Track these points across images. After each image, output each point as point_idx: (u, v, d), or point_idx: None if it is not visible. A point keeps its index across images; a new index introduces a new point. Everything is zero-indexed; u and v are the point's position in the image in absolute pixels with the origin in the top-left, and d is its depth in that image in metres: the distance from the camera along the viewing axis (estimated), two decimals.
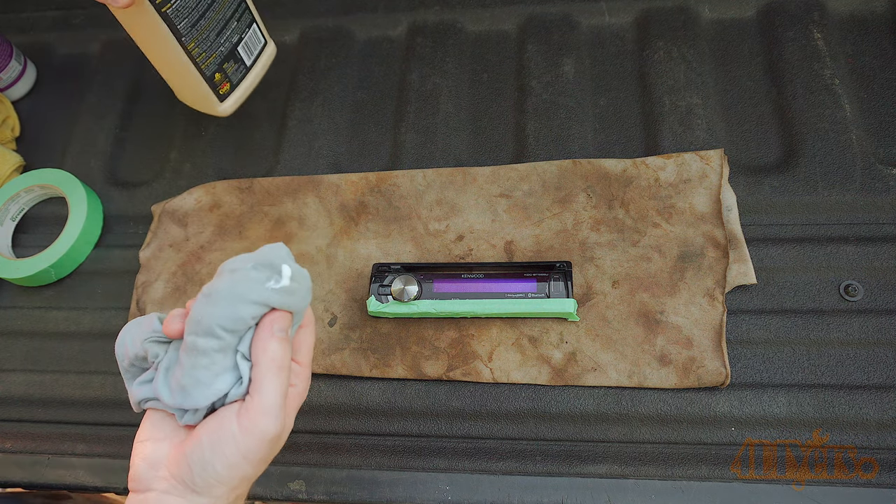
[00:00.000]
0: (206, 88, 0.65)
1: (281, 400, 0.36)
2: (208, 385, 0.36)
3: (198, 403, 0.36)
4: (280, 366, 0.36)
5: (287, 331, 0.37)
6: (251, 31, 0.65)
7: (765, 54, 0.66)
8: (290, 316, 0.37)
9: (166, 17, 0.56)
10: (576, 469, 0.52)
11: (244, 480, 0.36)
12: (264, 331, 0.36)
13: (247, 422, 0.35)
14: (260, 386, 0.36)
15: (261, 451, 0.36)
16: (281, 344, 0.36)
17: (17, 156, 0.71)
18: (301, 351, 0.41)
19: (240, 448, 0.35)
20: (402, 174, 0.63)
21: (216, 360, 0.36)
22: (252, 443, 0.35)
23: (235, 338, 0.36)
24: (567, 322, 0.56)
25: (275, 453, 0.38)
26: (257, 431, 0.35)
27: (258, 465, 0.36)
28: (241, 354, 0.36)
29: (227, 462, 0.35)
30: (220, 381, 0.36)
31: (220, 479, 0.35)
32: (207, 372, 0.36)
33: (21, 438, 0.60)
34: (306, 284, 0.38)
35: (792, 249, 0.57)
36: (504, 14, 0.73)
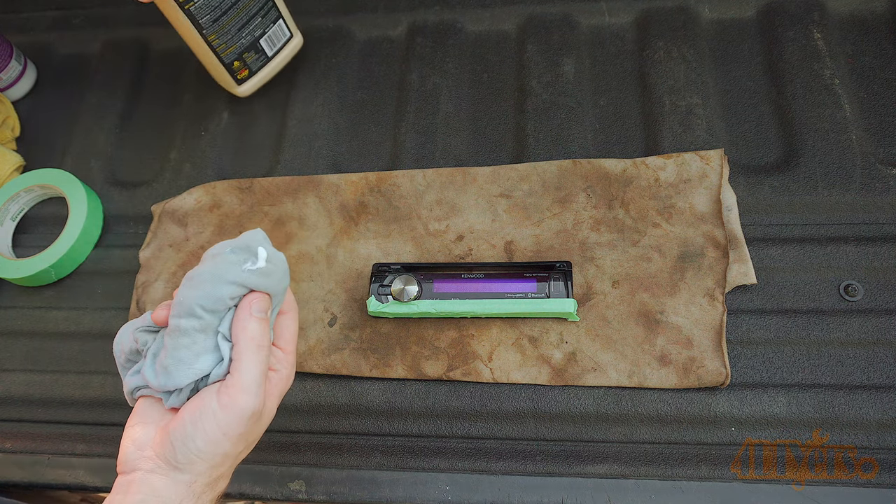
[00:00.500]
0: (224, 73, 0.68)
1: (260, 377, 0.37)
2: (189, 364, 0.37)
3: (179, 383, 0.37)
4: (259, 344, 0.37)
5: (266, 312, 0.38)
6: (275, 27, 0.68)
7: (765, 54, 0.66)
8: (268, 297, 0.39)
9: (189, 14, 0.61)
10: (576, 469, 0.52)
11: (225, 458, 0.37)
12: (243, 311, 0.38)
13: (226, 398, 0.36)
14: (239, 363, 0.37)
15: (239, 426, 0.37)
16: (259, 323, 0.38)
17: (17, 156, 0.71)
18: (284, 336, 0.42)
19: (219, 423, 0.36)
20: (402, 174, 0.63)
21: (197, 340, 0.37)
22: (231, 418, 0.36)
23: (216, 318, 0.38)
24: (567, 322, 0.56)
25: (255, 433, 0.39)
26: (236, 407, 0.36)
27: (238, 443, 0.37)
28: (222, 335, 0.38)
29: (207, 437, 0.36)
30: (202, 360, 0.37)
31: (200, 455, 0.36)
32: (188, 352, 0.37)
33: (21, 438, 0.60)
34: (282, 267, 0.39)
35: (792, 249, 0.57)
36: (504, 14, 0.73)
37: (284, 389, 0.41)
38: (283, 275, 0.40)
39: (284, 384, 0.41)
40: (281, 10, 0.68)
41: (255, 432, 0.39)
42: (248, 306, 0.38)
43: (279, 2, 0.67)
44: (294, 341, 0.43)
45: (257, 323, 0.38)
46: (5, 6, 0.84)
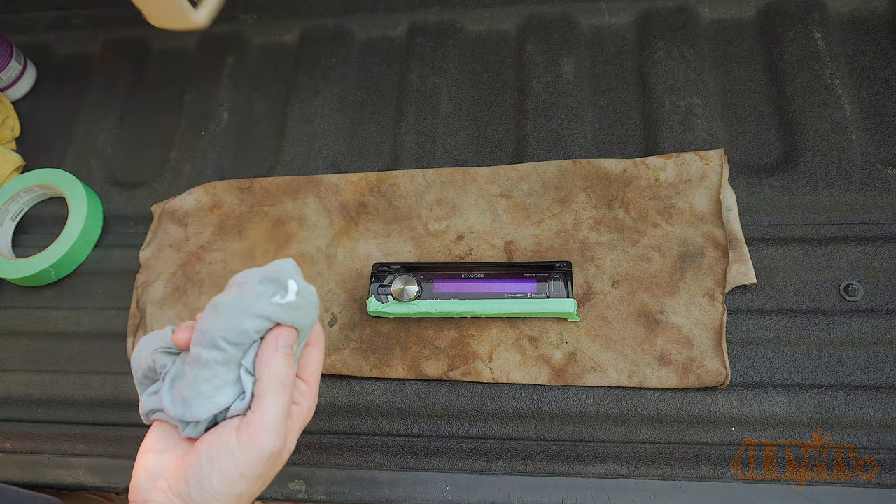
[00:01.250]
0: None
1: (282, 416, 0.36)
2: (209, 397, 0.36)
3: (198, 415, 0.36)
4: (283, 382, 0.36)
5: (292, 347, 0.37)
6: None
7: (765, 54, 0.66)
8: (296, 332, 0.37)
9: None
10: (576, 469, 0.52)
11: (241, 498, 0.36)
12: (268, 346, 0.36)
13: (246, 437, 0.35)
14: (261, 401, 0.35)
15: (258, 467, 0.35)
16: (285, 360, 0.36)
17: (17, 156, 0.71)
18: (308, 369, 0.40)
19: (237, 463, 0.35)
20: (402, 174, 0.63)
21: (218, 373, 0.36)
22: (250, 459, 0.35)
23: (239, 351, 0.36)
24: (567, 322, 0.55)
25: (273, 472, 0.37)
26: (256, 447, 0.35)
27: (255, 483, 0.36)
28: (245, 369, 0.36)
29: (224, 478, 0.35)
30: (222, 394, 0.36)
31: (215, 495, 0.35)
32: (209, 384, 0.36)
33: (21, 438, 0.60)
34: (312, 301, 0.38)
35: (792, 249, 0.57)
36: (504, 14, 0.73)
37: (305, 423, 0.40)
38: (313, 308, 0.38)
39: (306, 417, 0.40)
40: None
41: (274, 472, 0.37)
42: (275, 341, 0.36)
43: None
44: (318, 374, 0.41)
45: (283, 360, 0.36)
46: (5, 6, 0.84)
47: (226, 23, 0.77)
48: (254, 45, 0.76)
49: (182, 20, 0.63)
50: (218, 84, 0.74)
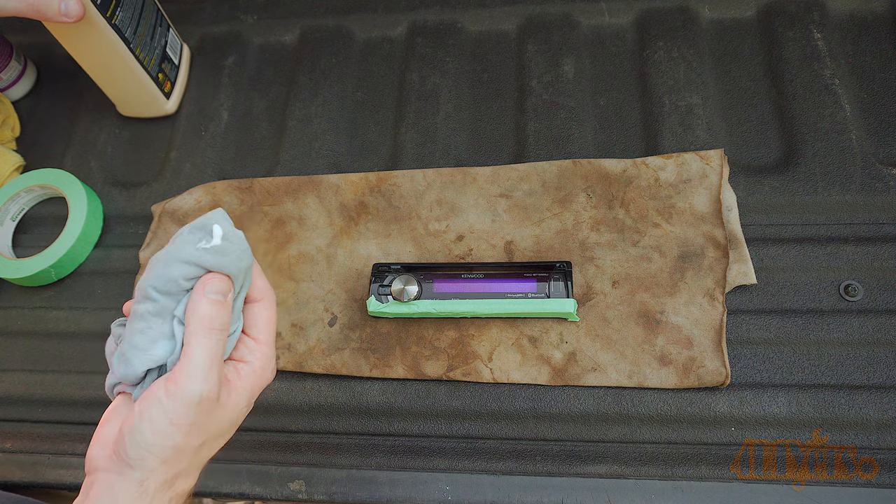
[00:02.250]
0: (153, 89, 0.69)
1: (209, 361, 0.35)
2: (144, 350, 0.35)
3: (136, 370, 0.35)
4: (210, 326, 0.35)
5: (223, 294, 0.36)
6: (171, 35, 0.71)
7: (765, 54, 0.66)
8: (227, 279, 0.36)
9: (116, 28, 0.61)
10: (576, 469, 0.52)
11: (177, 452, 0.35)
12: (196, 292, 0.36)
13: (172, 384, 0.34)
14: (187, 347, 0.35)
15: (188, 415, 0.34)
16: (213, 305, 0.35)
17: (17, 156, 0.71)
18: (256, 326, 0.39)
19: (166, 412, 0.34)
20: (402, 174, 0.63)
21: (152, 325, 0.36)
22: (178, 406, 0.34)
23: (171, 301, 0.36)
24: (567, 322, 0.56)
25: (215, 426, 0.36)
26: (182, 393, 0.34)
27: (190, 434, 0.35)
28: (178, 320, 0.36)
29: (154, 427, 0.34)
30: (158, 347, 0.36)
31: (149, 448, 0.34)
32: (143, 337, 0.35)
33: (21, 438, 0.60)
34: (240, 245, 0.37)
35: (792, 249, 0.57)
36: (504, 14, 0.73)
37: (260, 384, 0.38)
38: (242, 253, 0.37)
39: (258, 377, 0.38)
40: (167, 18, 0.70)
41: (214, 424, 0.36)
42: (202, 287, 0.35)
43: (162, 10, 0.69)
44: (269, 331, 0.39)
45: (210, 304, 0.35)
46: None
47: (226, 23, 0.77)
48: (254, 45, 0.76)
49: (155, 109, 0.72)
50: (218, 84, 0.74)
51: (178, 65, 0.72)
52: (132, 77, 0.66)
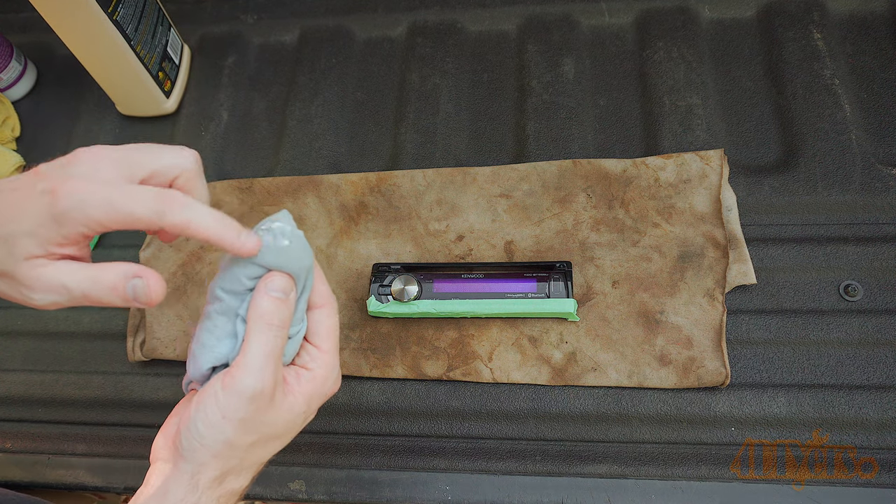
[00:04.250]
0: (154, 88, 0.69)
1: (264, 357, 0.35)
2: (210, 348, 0.36)
3: (202, 367, 0.36)
4: (268, 322, 0.35)
5: (284, 291, 0.36)
6: (171, 34, 0.71)
7: (765, 54, 0.66)
8: (287, 277, 0.36)
9: (117, 24, 0.61)
10: (576, 469, 0.52)
11: (228, 447, 0.35)
12: (258, 290, 0.36)
13: (228, 378, 0.34)
14: (245, 342, 0.35)
15: (239, 409, 0.34)
16: (272, 301, 0.35)
17: (17, 156, 0.71)
18: (318, 333, 0.39)
19: (220, 405, 0.34)
20: (402, 174, 0.63)
21: (219, 324, 0.37)
22: (231, 400, 0.34)
23: (236, 300, 0.36)
24: (567, 322, 0.56)
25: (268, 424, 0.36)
26: (236, 387, 0.34)
27: (241, 430, 0.35)
28: (241, 318, 0.36)
29: (208, 420, 0.34)
30: (223, 344, 0.36)
31: (202, 440, 0.34)
32: (211, 335, 0.36)
33: (21, 438, 0.60)
34: (300, 244, 0.37)
35: (792, 249, 0.57)
36: (504, 14, 0.73)
37: (321, 392, 0.38)
38: (302, 252, 0.37)
39: (320, 385, 0.38)
40: (168, 18, 0.70)
41: (267, 424, 0.36)
42: (265, 284, 0.35)
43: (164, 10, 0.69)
44: (332, 339, 0.39)
45: (269, 301, 0.35)
46: (5, 6, 0.84)
47: (226, 23, 0.77)
48: (254, 45, 0.76)
49: (155, 109, 0.71)
50: (218, 84, 0.74)
51: (179, 64, 0.72)
52: (132, 75, 0.66)
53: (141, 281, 0.34)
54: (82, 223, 0.32)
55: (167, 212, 0.32)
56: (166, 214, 0.32)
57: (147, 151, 0.35)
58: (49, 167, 0.33)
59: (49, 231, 0.32)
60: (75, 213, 0.31)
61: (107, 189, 0.32)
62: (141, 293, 0.34)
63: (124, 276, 0.33)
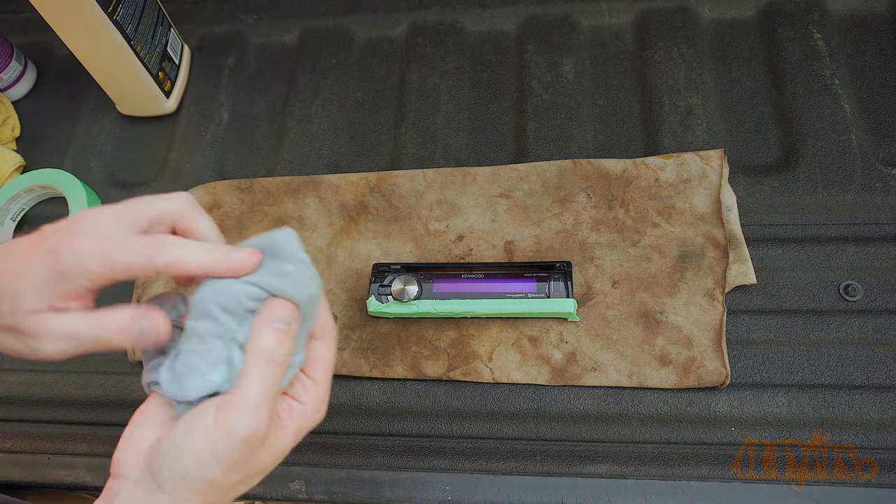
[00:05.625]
0: (153, 88, 0.69)
1: (263, 397, 0.32)
2: (202, 375, 0.33)
3: (189, 395, 0.33)
4: (269, 358, 0.32)
5: (287, 323, 0.33)
6: (171, 34, 0.71)
7: (765, 54, 0.66)
8: (293, 307, 0.34)
9: (117, 24, 0.61)
10: (576, 469, 0.52)
11: (212, 486, 0.33)
12: (259, 319, 0.33)
13: (222, 415, 0.32)
14: (243, 378, 0.32)
15: (231, 451, 0.32)
16: (275, 335, 0.33)
17: (17, 156, 0.71)
18: (316, 366, 0.37)
19: (210, 443, 0.32)
20: (402, 174, 0.63)
21: (212, 347, 0.33)
22: (224, 440, 0.31)
23: (234, 322, 0.33)
24: (567, 322, 0.56)
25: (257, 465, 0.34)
26: (229, 428, 0.31)
27: (230, 471, 0.32)
28: (239, 345, 0.33)
29: (195, 457, 0.32)
30: (217, 372, 0.33)
31: (185, 476, 0.32)
32: (202, 360, 0.33)
33: (21, 438, 0.60)
34: (307, 272, 0.34)
35: (792, 249, 0.57)
36: (504, 14, 0.73)
37: (308, 425, 0.36)
38: (309, 280, 0.34)
39: (309, 420, 0.36)
40: (168, 18, 0.71)
41: (256, 464, 0.34)
42: (267, 314, 0.33)
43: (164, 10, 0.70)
44: (328, 372, 0.37)
45: (272, 334, 0.33)
46: (5, 6, 0.84)
47: (226, 23, 0.77)
48: (254, 45, 0.76)
49: (155, 109, 0.71)
50: (218, 84, 0.74)
51: (179, 64, 0.73)
52: (132, 74, 0.66)
53: (149, 321, 0.34)
54: (84, 277, 0.33)
55: (156, 254, 0.33)
56: (155, 257, 0.33)
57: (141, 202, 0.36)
58: (52, 228, 0.35)
59: (54, 286, 0.33)
60: (77, 269, 0.33)
61: (104, 243, 0.33)
62: (149, 332, 0.34)
63: (132, 317, 0.34)
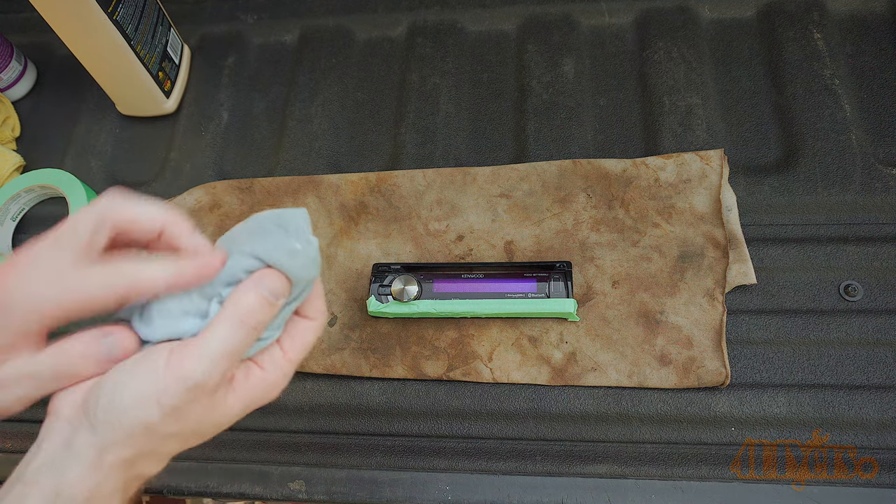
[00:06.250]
0: (153, 88, 0.69)
1: (223, 352, 0.31)
2: (173, 318, 0.32)
3: (154, 335, 0.32)
4: (244, 320, 0.31)
5: (275, 294, 0.32)
6: (172, 34, 0.71)
7: (765, 54, 0.66)
8: (285, 280, 0.33)
9: (117, 24, 0.61)
10: (576, 469, 0.52)
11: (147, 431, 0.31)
12: (249, 281, 0.32)
13: (175, 357, 0.30)
14: (211, 328, 0.31)
15: (176, 395, 0.30)
16: (260, 301, 0.32)
17: (17, 156, 0.71)
18: (293, 340, 0.35)
19: (157, 382, 0.30)
20: (402, 174, 0.63)
21: (193, 298, 0.33)
22: (170, 381, 0.30)
23: (221, 286, 0.33)
24: (567, 322, 0.56)
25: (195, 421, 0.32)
26: (181, 370, 0.30)
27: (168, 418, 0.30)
28: (219, 302, 0.33)
29: (137, 395, 0.30)
30: (188, 321, 0.32)
31: (122, 413, 0.30)
32: (178, 305, 0.32)
33: (21, 438, 0.60)
34: (311, 253, 0.33)
35: (792, 249, 0.57)
36: (504, 14, 0.73)
37: (262, 398, 0.34)
38: (311, 263, 0.34)
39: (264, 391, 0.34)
40: (168, 18, 0.71)
41: (196, 420, 0.32)
42: (257, 279, 0.32)
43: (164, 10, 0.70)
44: (301, 351, 0.35)
45: (257, 298, 0.31)
46: (5, 6, 0.84)
47: (226, 23, 0.77)
48: (254, 45, 0.76)
49: (155, 108, 0.71)
50: (218, 84, 0.74)
51: (179, 64, 0.72)
52: (132, 74, 0.66)
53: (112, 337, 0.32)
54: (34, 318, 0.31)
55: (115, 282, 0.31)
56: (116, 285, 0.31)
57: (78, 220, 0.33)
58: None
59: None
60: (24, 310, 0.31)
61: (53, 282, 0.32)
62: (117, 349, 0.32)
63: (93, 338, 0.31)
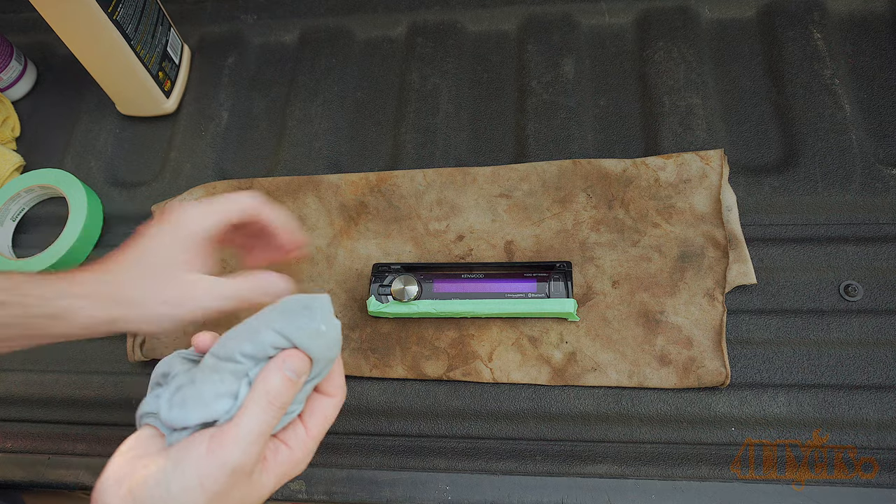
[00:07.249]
0: (153, 88, 0.69)
1: (258, 434, 0.34)
2: (207, 403, 0.35)
3: (190, 420, 0.35)
4: (271, 401, 0.34)
5: (298, 373, 0.35)
6: (172, 34, 0.71)
7: (765, 54, 0.66)
8: (307, 360, 0.36)
9: (117, 24, 0.61)
10: (576, 469, 0.52)
11: None
12: (273, 363, 0.35)
13: (215, 444, 0.33)
14: (242, 412, 0.34)
15: (219, 480, 0.33)
16: (284, 380, 0.35)
17: (17, 156, 0.71)
18: (314, 417, 0.38)
19: (199, 470, 0.33)
20: (402, 174, 0.63)
21: (225, 381, 0.35)
22: (212, 468, 0.33)
23: (251, 362, 0.36)
24: (567, 322, 0.56)
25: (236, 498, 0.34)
26: (220, 457, 0.33)
27: (213, 500, 0.33)
28: (248, 382, 0.36)
29: (184, 483, 0.32)
30: (220, 402, 0.35)
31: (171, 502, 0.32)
32: (212, 389, 0.35)
33: (21, 438, 0.60)
34: (334, 335, 0.37)
35: (792, 249, 0.57)
36: (504, 14, 0.73)
37: (291, 472, 0.37)
38: (334, 343, 0.37)
39: (292, 467, 0.37)
40: (168, 18, 0.71)
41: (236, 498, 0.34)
42: (281, 360, 0.35)
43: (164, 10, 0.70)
44: (323, 427, 0.39)
45: (281, 379, 0.35)
46: (5, 6, 0.84)
47: (226, 23, 0.77)
48: (254, 45, 0.76)
49: (155, 107, 0.72)
50: (218, 84, 0.74)
51: (179, 64, 0.73)
52: (132, 74, 0.66)
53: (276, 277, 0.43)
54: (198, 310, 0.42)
55: None
56: None
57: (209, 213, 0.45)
58: None
59: None
60: None
61: None
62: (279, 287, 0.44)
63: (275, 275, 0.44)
